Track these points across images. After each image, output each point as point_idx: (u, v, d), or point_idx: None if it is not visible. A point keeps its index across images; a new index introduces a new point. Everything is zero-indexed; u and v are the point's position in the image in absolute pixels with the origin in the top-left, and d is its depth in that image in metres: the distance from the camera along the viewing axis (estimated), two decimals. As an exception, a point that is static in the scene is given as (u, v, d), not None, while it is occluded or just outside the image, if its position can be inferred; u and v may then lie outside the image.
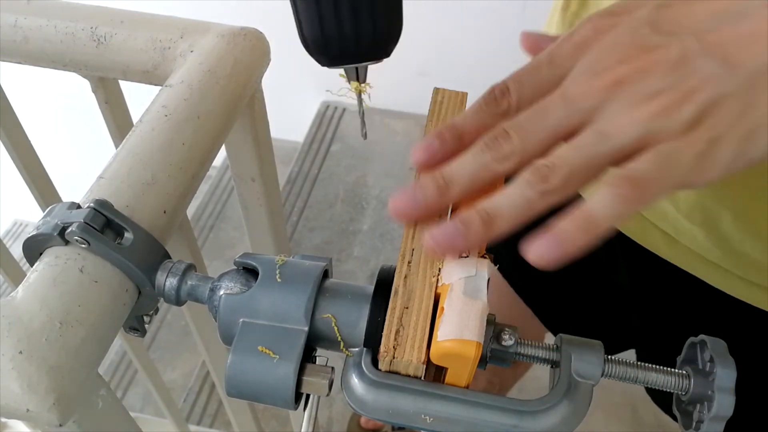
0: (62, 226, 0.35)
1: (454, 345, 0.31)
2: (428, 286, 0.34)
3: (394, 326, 0.33)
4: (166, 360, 1.67)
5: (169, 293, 0.36)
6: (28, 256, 0.37)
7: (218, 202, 2.09)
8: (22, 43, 0.49)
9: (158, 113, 0.42)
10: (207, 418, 1.55)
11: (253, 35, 0.48)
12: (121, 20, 0.48)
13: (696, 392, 0.33)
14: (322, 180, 2.00)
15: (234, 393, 0.34)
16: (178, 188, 0.40)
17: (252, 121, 0.52)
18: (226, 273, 0.36)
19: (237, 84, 0.46)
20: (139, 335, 0.42)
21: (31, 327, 0.32)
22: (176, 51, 0.47)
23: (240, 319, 0.35)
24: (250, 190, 0.58)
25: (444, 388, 0.33)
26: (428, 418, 0.33)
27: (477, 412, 0.33)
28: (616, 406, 1.45)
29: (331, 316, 0.34)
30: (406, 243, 0.36)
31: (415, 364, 0.32)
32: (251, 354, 0.34)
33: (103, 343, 0.35)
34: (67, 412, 0.32)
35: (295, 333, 0.34)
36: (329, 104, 2.20)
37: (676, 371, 0.34)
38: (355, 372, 0.33)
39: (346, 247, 1.83)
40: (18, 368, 0.31)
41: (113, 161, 0.40)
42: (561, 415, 0.32)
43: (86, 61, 0.49)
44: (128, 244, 0.36)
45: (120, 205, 0.37)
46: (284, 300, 0.34)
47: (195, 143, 0.42)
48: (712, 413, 0.31)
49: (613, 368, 0.34)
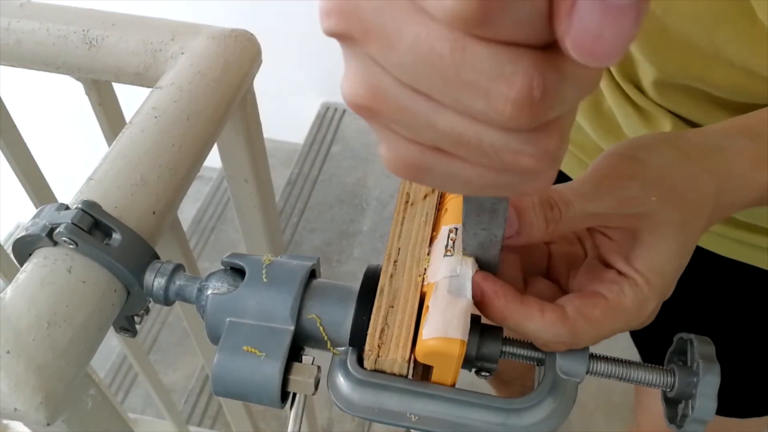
0: (50, 227, 0.35)
1: (438, 343, 0.31)
2: (413, 285, 0.34)
3: (379, 325, 0.33)
4: (168, 362, 1.68)
5: (158, 293, 0.37)
6: (18, 256, 0.37)
7: (219, 204, 2.09)
8: (15, 46, 0.50)
9: (148, 115, 0.42)
10: (207, 420, 1.55)
11: (243, 37, 0.48)
12: (112, 23, 0.49)
13: (681, 390, 0.33)
14: (323, 181, 2.01)
15: (221, 392, 0.34)
16: (168, 189, 0.41)
17: (244, 122, 0.52)
18: (214, 273, 0.37)
19: (227, 85, 0.46)
20: (130, 335, 0.42)
21: (19, 327, 0.32)
22: (167, 53, 0.47)
23: (227, 319, 0.35)
24: (244, 191, 0.58)
25: (430, 387, 0.33)
26: (414, 417, 0.33)
27: (463, 410, 0.33)
28: (616, 406, 1.45)
29: (315, 316, 0.35)
30: (392, 243, 0.36)
31: (400, 362, 0.32)
32: (237, 353, 0.34)
33: (92, 343, 0.35)
34: (55, 412, 0.33)
35: (281, 332, 0.34)
36: (329, 106, 2.20)
37: (662, 368, 0.34)
38: (341, 371, 0.33)
39: (346, 248, 1.83)
40: (5, 368, 0.31)
41: (103, 162, 0.41)
42: (546, 412, 0.32)
43: (79, 64, 0.50)
44: (116, 244, 0.36)
45: (109, 206, 0.37)
46: (270, 299, 0.35)
47: (185, 144, 0.42)
48: (693, 415, 0.31)
49: (598, 365, 0.34)
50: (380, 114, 0.22)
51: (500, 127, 0.21)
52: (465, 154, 0.22)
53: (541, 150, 0.22)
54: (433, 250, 0.35)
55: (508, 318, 0.32)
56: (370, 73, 0.22)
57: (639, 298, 0.32)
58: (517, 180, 0.23)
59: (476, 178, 0.23)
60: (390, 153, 0.24)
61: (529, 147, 0.22)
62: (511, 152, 0.22)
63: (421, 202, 0.37)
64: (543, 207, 0.33)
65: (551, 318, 0.32)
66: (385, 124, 0.23)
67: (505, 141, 0.21)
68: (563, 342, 0.32)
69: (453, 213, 0.36)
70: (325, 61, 2.03)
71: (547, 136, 0.22)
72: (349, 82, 0.22)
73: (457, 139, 0.22)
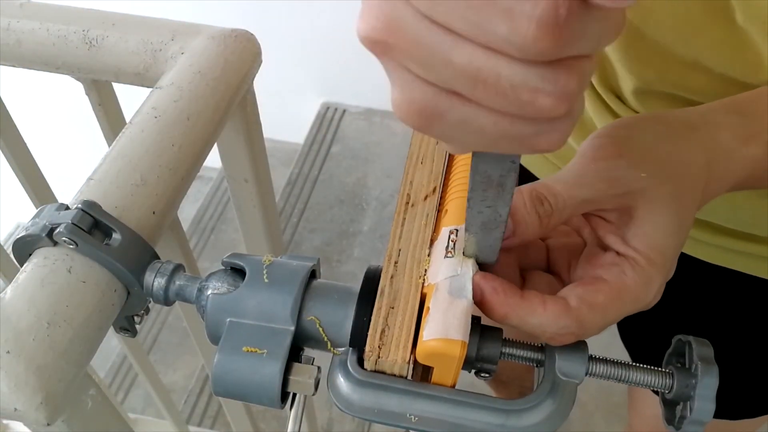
0: (50, 227, 0.35)
1: (439, 344, 0.31)
2: (414, 286, 0.34)
3: (379, 326, 0.33)
4: (168, 362, 1.68)
5: (158, 293, 0.37)
6: (18, 256, 0.37)
7: (219, 203, 2.09)
8: (15, 46, 0.50)
9: (148, 115, 0.42)
10: (207, 420, 1.55)
11: (243, 37, 0.48)
12: (112, 23, 0.49)
13: (679, 392, 0.33)
14: (323, 181, 2.01)
15: (221, 392, 0.34)
16: (168, 189, 0.41)
17: (244, 122, 0.52)
18: (214, 273, 0.37)
19: (227, 85, 0.46)
20: (130, 335, 0.42)
21: (19, 327, 0.32)
22: (167, 53, 0.47)
23: (227, 319, 0.35)
24: (244, 191, 0.58)
25: (430, 388, 0.33)
26: (414, 417, 0.33)
27: (463, 411, 0.33)
28: (616, 406, 1.45)
29: (314, 318, 0.35)
30: (392, 243, 0.36)
31: (400, 363, 0.32)
32: (238, 353, 0.34)
33: (92, 343, 0.35)
34: (55, 412, 0.33)
35: (281, 333, 0.34)
36: (329, 106, 2.20)
37: (661, 370, 0.34)
38: (341, 371, 0.33)
39: (346, 248, 1.83)
40: (5, 368, 0.31)
41: (103, 162, 0.41)
42: (545, 414, 0.32)
43: (79, 64, 0.50)
44: (116, 244, 0.36)
45: (109, 206, 0.37)
46: (271, 300, 0.35)
47: (185, 144, 0.42)
48: (692, 417, 0.31)
49: (597, 367, 0.34)
50: (396, 49, 0.22)
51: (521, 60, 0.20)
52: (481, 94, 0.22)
53: (560, 89, 0.21)
54: (434, 251, 0.35)
55: (509, 314, 0.32)
56: (388, 5, 0.21)
57: (641, 276, 0.32)
58: (533, 131, 0.23)
59: (490, 126, 0.23)
60: (402, 95, 0.23)
61: (548, 84, 0.21)
62: (529, 89, 0.21)
63: (422, 203, 0.37)
64: (534, 203, 0.32)
65: (554, 309, 0.31)
66: (399, 61, 0.22)
67: (524, 76, 0.21)
68: (571, 333, 0.31)
69: (453, 214, 0.36)
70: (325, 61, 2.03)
71: (567, 73, 0.21)
72: (366, 16, 0.22)
73: (474, 76, 0.21)
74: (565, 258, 0.36)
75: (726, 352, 0.59)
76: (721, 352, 0.34)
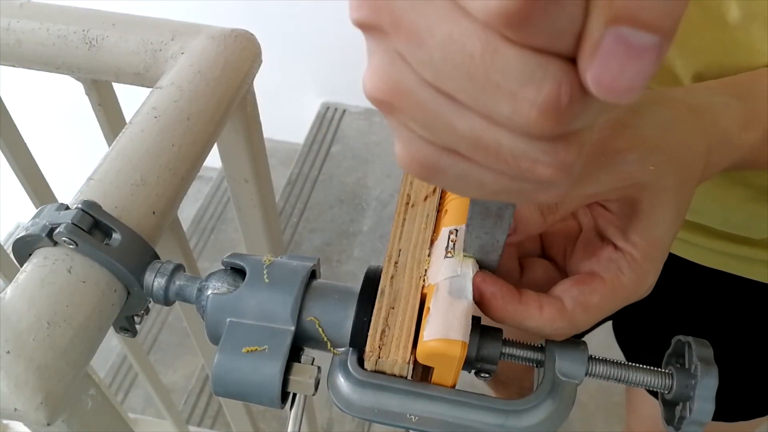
0: (50, 227, 0.35)
1: (439, 345, 0.31)
2: (414, 286, 0.34)
3: (379, 326, 0.33)
4: (168, 362, 1.68)
5: (158, 293, 0.37)
6: (18, 256, 0.37)
7: (219, 203, 2.09)
8: (15, 46, 0.50)
9: (148, 115, 0.42)
10: (207, 420, 1.55)
11: (243, 37, 0.48)
12: (112, 23, 0.49)
13: (679, 392, 0.33)
14: (323, 181, 2.01)
15: (221, 392, 0.34)
16: (168, 189, 0.41)
17: (244, 122, 0.52)
18: (214, 273, 0.37)
19: (227, 85, 0.46)
20: (130, 335, 0.42)
21: (19, 327, 0.32)
22: (167, 53, 0.47)
23: (227, 319, 0.35)
24: (244, 191, 0.58)
25: (430, 388, 0.33)
26: (414, 417, 0.33)
27: (463, 412, 0.33)
28: (616, 406, 1.45)
29: (314, 318, 0.35)
30: (392, 244, 0.36)
31: (401, 363, 0.32)
32: (238, 353, 0.34)
33: (92, 343, 0.35)
34: (55, 412, 0.33)
35: (281, 333, 0.34)
36: (329, 106, 2.20)
37: (660, 370, 0.34)
38: (341, 371, 0.33)
39: (346, 248, 1.83)
40: (5, 368, 0.31)
41: (103, 162, 0.41)
42: (545, 414, 0.32)
43: (79, 64, 0.50)
44: (116, 244, 0.36)
45: (109, 206, 0.37)
46: (271, 300, 0.35)
47: (185, 144, 0.42)
48: (691, 417, 0.31)
49: (597, 367, 0.34)
50: (400, 111, 0.22)
51: (522, 133, 0.21)
52: (482, 158, 0.22)
53: (560, 161, 0.22)
54: (434, 251, 0.35)
55: (507, 318, 0.32)
56: (394, 68, 0.21)
57: (637, 273, 0.32)
58: (531, 188, 0.23)
59: (490, 183, 0.23)
60: (405, 152, 0.24)
61: (547, 156, 0.21)
62: (529, 160, 0.22)
63: (422, 203, 0.37)
64: None
65: (550, 313, 0.32)
66: (403, 121, 0.23)
67: (524, 148, 0.21)
68: (564, 333, 0.33)
69: (453, 214, 0.36)
70: (325, 61, 2.03)
71: (567, 147, 0.22)
72: (372, 75, 0.22)
73: (475, 143, 0.22)
74: (561, 243, 0.37)
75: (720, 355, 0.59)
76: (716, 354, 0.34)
